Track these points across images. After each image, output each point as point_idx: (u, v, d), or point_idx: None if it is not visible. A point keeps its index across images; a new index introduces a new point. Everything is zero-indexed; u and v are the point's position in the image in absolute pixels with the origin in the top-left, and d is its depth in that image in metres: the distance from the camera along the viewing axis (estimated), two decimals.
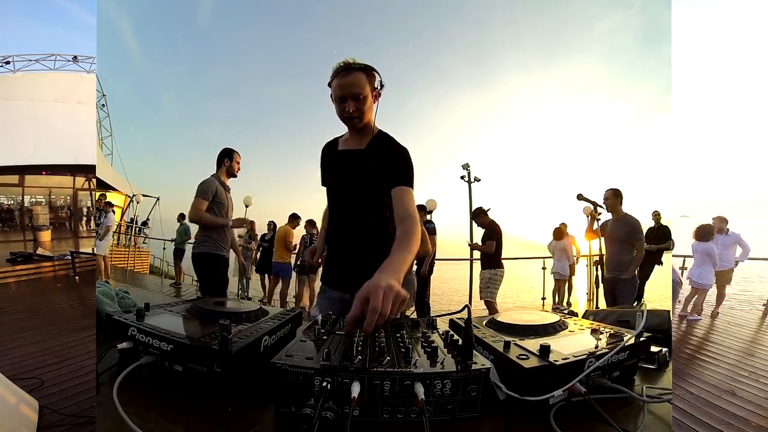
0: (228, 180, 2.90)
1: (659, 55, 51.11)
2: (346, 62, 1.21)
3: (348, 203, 1.33)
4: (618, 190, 3.53)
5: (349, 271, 1.30)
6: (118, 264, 9.93)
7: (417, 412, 0.63)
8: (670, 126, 46.75)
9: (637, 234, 3.44)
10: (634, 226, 3.45)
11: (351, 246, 1.32)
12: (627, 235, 3.44)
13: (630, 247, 3.44)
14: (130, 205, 13.19)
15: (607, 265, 3.59)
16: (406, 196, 1.18)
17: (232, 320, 0.81)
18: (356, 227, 1.30)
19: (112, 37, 56.39)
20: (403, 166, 1.23)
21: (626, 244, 3.45)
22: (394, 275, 0.81)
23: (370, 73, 1.22)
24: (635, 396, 0.75)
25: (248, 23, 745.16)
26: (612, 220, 3.58)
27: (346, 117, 1.24)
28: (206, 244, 2.75)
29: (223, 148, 2.90)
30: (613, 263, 3.52)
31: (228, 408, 0.68)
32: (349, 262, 1.32)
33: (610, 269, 3.54)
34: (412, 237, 1.06)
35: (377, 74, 1.23)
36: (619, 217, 3.52)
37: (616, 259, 3.49)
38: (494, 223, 4.58)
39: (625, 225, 3.47)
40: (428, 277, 4.49)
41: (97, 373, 0.79)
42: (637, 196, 4.90)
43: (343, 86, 1.20)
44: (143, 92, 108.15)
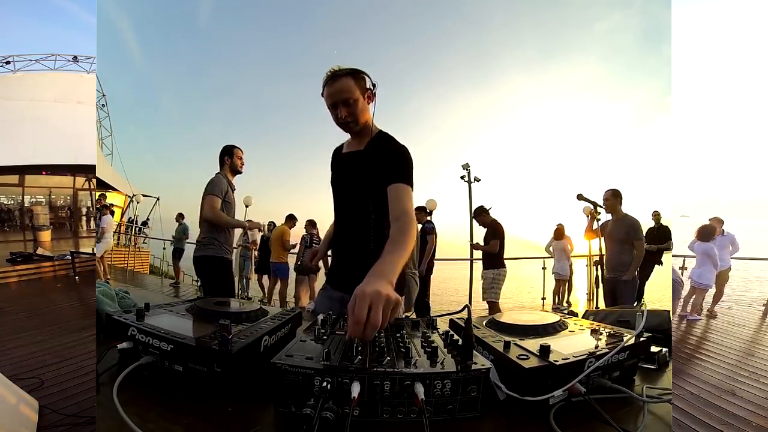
0: (234, 178, 2.79)
1: (659, 55, 51.26)
2: (332, 70, 1.24)
3: (350, 204, 1.34)
4: (617, 190, 3.53)
5: (352, 272, 1.27)
6: (118, 264, 9.93)
7: (417, 412, 0.63)
8: (670, 126, 46.77)
9: (637, 234, 3.44)
10: (633, 226, 3.45)
11: (353, 247, 1.33)
12: (626, 235, 3.45)
13: (630, 248, 3.44)
14: (130, 205, 13.20)
15: (607, 266, 3.59)
16: (402, 193, 1.17)
17: (232, 320, 0.81)
18: (359, 228, 1.30)
19: (112, 37, 56.60)
20: (401, 163, 1.23)
21: (626, 245, 3.45)
22: (385, 279, 0.78)
23: (358, 77, 1.24)
24: (635, 396, 0.75)
25: (248, 23, 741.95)
26: (611, 220, 3.59)
27: (341, 123, 1.27)
28: (212, 246, 2.61)
29: (223, 146, 2.78)
30: (613, 263, 3.52)
31: (228, 408, 0.68)
32: (352, 263, 1.32)
33: (610, 269, 3.54)
34: (407, 235, 1.05)
35: (366, 76, 1.25)
36: (619, 217, 3.53)
37: (616, 260, 3.50)
38: (496, 222, 4.56)
39: (625, 225, 3.47)
40: (427, 277, 4.49)
41: (97, 373, 0.79)
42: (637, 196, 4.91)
43: (332, 94, 1.23)
44: (143, 92, 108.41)
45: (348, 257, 1.36)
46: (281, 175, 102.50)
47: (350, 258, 1.34)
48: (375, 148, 1.27)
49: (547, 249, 6.19)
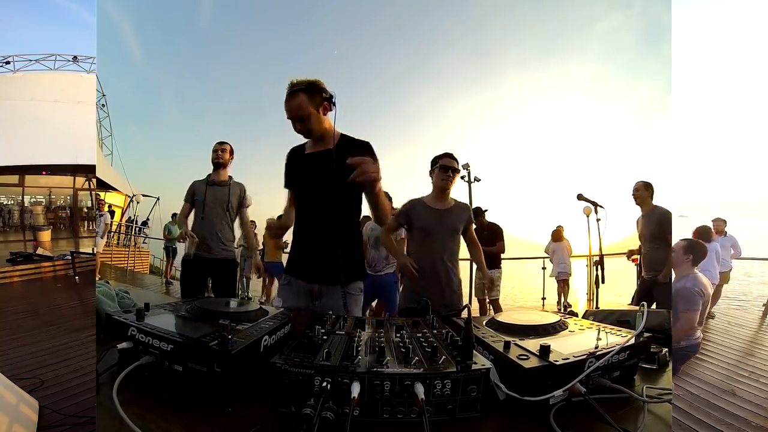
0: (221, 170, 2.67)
1: (659, 55, 51.35)
2: (290, 84, 1.34)
3: (317, 200, 1.42)
4: (649, 183, 3.31)
5: (318, 263, 1.41)
6: (118, 264, 9.93)
7: (417, 412, 0.63)
8: (669, 126, 46.75)
9: (669, 227, 3.13)
10: (665, 218, 3.16)
11: (321, 240, 1.41)
12: (659, 228, 3.18)
13: (663, 243, 3.14)
14: (130, 205, 13.18)
15: (644, 264, 3.37)
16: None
17: (232, 320, 0.81)
18: (327, 222, 1.40)
19: (112, 37, 56.48)
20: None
21: (659, 240, 3.17)
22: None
23: (312, 91, 1.34)
24: (635, 396, 0.75)
25: (248, 23, 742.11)
26: (642, 214, 3.36)
27: (299, 133, 1.40)
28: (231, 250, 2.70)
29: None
30: (648, 260, 3.28)
31: (228, 408, 0.68)
32: (318, 255, 1.41)
33: (647, 268, 3.31)
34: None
35: (321, 89, 1.35)
36: (649, 210, 3.29)
37: (651, 257, 3.25)
38: (495, 224, 4.65)
39: (656, 218, 3.22)
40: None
41: (97, 373, 0.78)
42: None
43: (288, 109, 1.36)
44: (143, 92, 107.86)
45: (315, 249, 1.43)
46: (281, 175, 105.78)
47: (317, 250, 1.42)
48: (341, 149, 1.37)
49: (547, 250, 6.19)
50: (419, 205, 2.01)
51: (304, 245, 1.48)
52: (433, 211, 1.99)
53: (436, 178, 1.99)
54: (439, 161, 1.98)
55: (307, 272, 1.45)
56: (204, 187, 2.63)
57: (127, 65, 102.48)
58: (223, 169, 2.70)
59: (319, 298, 1.43)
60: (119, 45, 79.19)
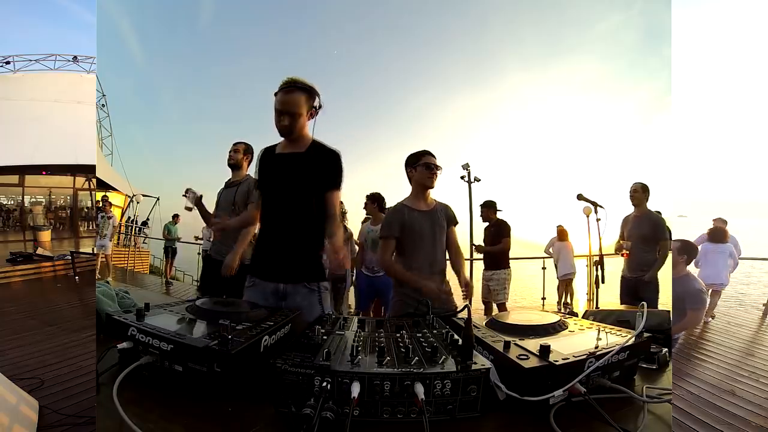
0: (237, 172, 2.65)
1: (659, 55, 51.27)
2: (291, 80, 1.35)
3: (287, 201, 1.43)
4: (646, 185, 3.38)
5: (285, 263, 1.42)
6: (118, 264, 9.93)
7: (417, 412, 0.63)
8: (669, 126, 46.75)
9: (664, 233, 3.26)
10: (659, 224, 3.28)
11: (288, 240, 1.42)
12: (652, 232, 3.28)
13: (655, 246, 3.26)
14: (130, 205, 13.18)
15: (630, 263, 3.41)
16: (336, 200, 1.44)
17: (232, 320, 0.81)
18: (295, 223, 1.41)
19: (112, 37, 56.35)
20: (338, 171, 1.42)
21: (651, 243, 3.28)
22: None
23: (310, 94, 1.37)
24: (635, 396, 0.75)
25: (249, 23, 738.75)
26: (633, 215, 3.42)
27: (280, 129, 1.39)
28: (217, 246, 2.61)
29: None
30: (636, 262, 3.34)
31: (228, 408, 0.68)
32: (286, 255, 1.42)
33: (633, 268, 3.37)
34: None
35: (318, 96, 1.38)
36: (643, 212, 3.37)
37: (640, 258, 3.31)
38: (503, 220, 4.51)
39: (650, 221, 3.31)
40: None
41: (97, 373, 0.79)
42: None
43: (282, 102, 1.36)
44: (143, 92, 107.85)
45: (282, 249, 1.43)
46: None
47: (284, 250, 1.42)
48: (312, 153, 1.41)
49: (547, 250, 6.16)
50: (404, 209, 1.92)
51: (271, 245, 1.47)
52: (419, 213, 1.91)
53: (420, 177, 1.91)
54: (422, 159, 1.90)
55: (273, 273, 1.43)
56: (222, 191, 2.66)
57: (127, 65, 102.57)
58: (236, 170, 2.67)
59: (284, 297, 1.41)
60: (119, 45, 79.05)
